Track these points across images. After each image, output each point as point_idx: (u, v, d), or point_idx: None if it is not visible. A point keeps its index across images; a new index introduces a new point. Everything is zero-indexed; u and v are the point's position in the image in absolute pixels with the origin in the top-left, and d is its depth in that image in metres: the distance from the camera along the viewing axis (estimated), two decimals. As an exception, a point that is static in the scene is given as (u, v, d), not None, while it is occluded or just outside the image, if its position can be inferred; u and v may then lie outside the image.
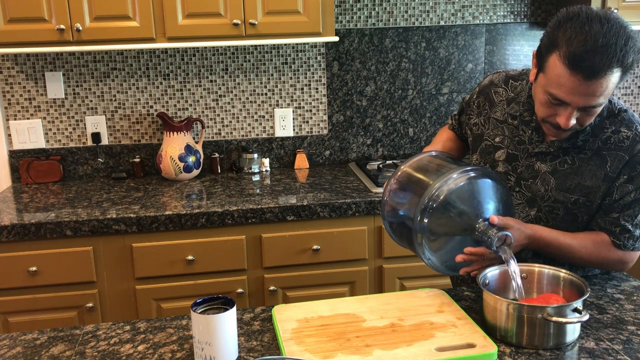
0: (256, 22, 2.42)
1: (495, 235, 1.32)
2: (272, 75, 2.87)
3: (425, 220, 1.35)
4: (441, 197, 1.34)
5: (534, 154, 1.53)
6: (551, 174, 1.50)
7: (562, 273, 1.39)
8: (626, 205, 1.46)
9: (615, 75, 1.28)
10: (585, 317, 1.23)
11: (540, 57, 1.36)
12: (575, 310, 1.24)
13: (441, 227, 1.38)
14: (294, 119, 2.92)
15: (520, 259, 1.53)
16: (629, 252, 1.50)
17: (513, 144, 1.57)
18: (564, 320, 1.23)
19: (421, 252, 1.40)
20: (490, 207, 1.39)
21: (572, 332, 1.27)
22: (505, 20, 2.95)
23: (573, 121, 1.36)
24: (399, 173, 1.48)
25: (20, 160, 2.74)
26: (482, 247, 1.37)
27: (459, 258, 1.39)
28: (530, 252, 1.57)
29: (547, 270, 1.42)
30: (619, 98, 3.13)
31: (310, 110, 2.93)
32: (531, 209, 1.54)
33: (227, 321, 1.20)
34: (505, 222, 1.37)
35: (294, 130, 2.93)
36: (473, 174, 1.38)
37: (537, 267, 1.43)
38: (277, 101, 2.90)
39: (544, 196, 1.51)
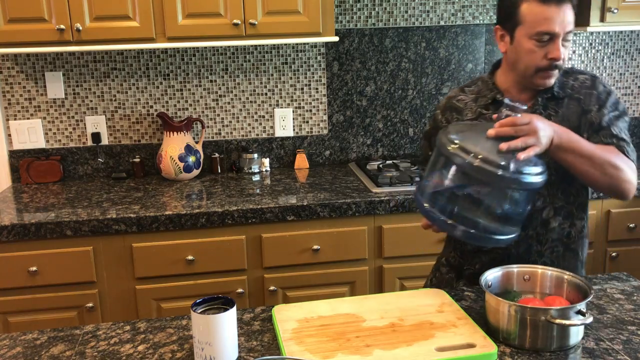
0: (256, 22, 2.42)
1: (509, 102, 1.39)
2: (272, 75, 2.87)
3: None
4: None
5: None
6: None
7: (566, 275, 1.39)
8: (611, 123, 1.58)
9: (570, 8, 1.50)
10: (589, 320, 1.22)
11: (509, 18, 1.53)
12: (579, 312, 1.24)
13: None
14: (294, 119, 2.92)
15: (525, 261, 1.56)
16: (630, 162, 1.54)
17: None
18: (567, 322, 1.22)
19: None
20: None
21: (576, 334, 1.27)
22: (505, 20, 2.95)
23: (563, 50, 1.51)
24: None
25: (20, 160, 2.74)
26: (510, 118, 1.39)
27: (491, 132, 1.36)
28: (536, 255, 1.59)
29: (550, 272, 1.41)
30: (619, 98, 3.13)
31: (310, 110, 2.93)
32: None
33: (227, 321, 1.20)
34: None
35: (294, 130, 2.93)
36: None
37: (540, 269, 1.43)
38: (277, 101, 2.90)
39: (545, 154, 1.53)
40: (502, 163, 1.29)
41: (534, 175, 1.33)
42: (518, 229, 1.42)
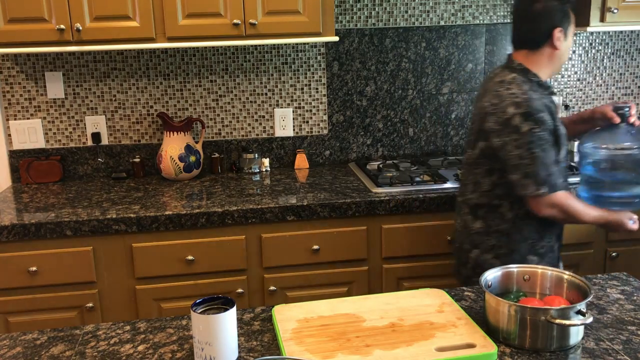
0: (256, 22, 2.42)
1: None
2: (272, 75, 2.87)
3: None
4: None
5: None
6: None
7: (566, 275, 1.39)
8: None
9: None
10: (589, 320, 1.22)
11: (567, 18, 1.82)
12: (579, 312, 1.24)
13: None
14: (294, 119, 2.92)
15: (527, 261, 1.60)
16: None
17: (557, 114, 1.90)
18: (567, 322, 1.22)
19: None
20: None
21: (576, 334, 1.27)
22: (505, 21, 2.95)
23: None
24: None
25: (20, 160, 2.74)
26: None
27: (638, 122, 1.88)
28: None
29: (550, 272, 1.41)
30: (619, 98, 3.13)
31: (310, 110, 2.93)
32: None
33: (227, 321, 1.20)
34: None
35: (294, 130, 2.93)
36: None
37: (540, 269, 1.43)
38: (277, 101, 2.90)
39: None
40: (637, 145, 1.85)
41: None
42: None
